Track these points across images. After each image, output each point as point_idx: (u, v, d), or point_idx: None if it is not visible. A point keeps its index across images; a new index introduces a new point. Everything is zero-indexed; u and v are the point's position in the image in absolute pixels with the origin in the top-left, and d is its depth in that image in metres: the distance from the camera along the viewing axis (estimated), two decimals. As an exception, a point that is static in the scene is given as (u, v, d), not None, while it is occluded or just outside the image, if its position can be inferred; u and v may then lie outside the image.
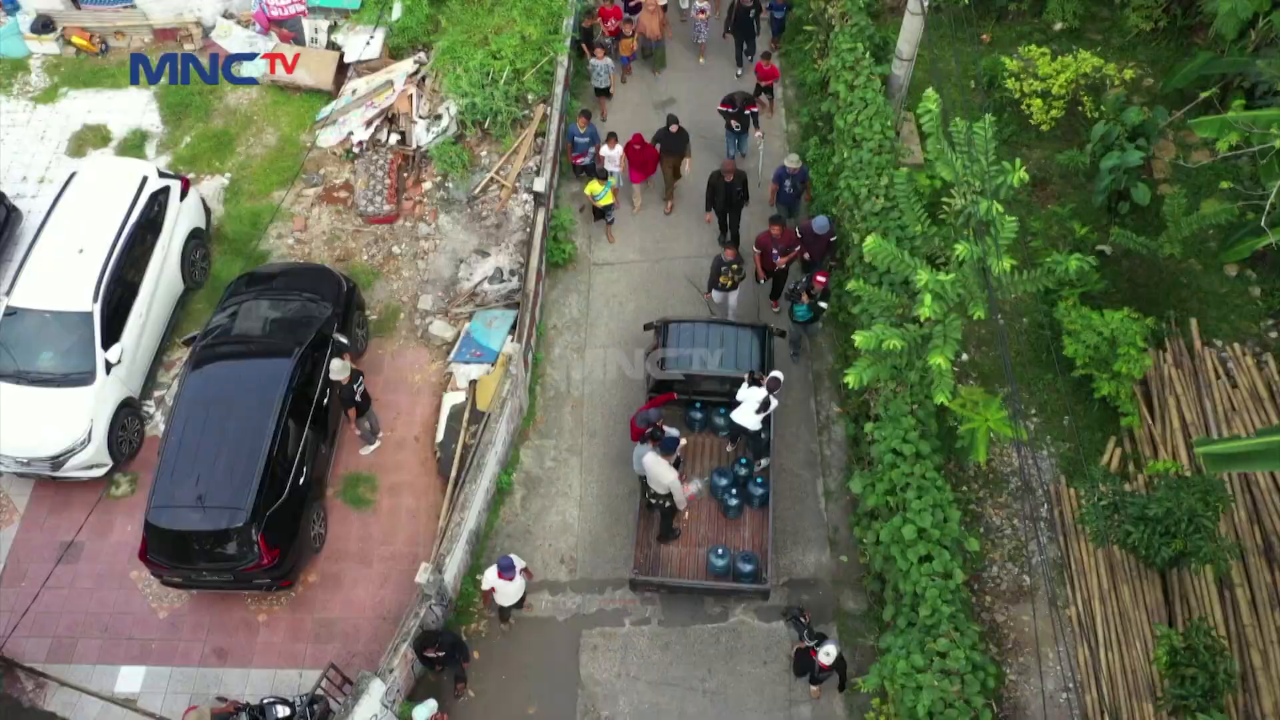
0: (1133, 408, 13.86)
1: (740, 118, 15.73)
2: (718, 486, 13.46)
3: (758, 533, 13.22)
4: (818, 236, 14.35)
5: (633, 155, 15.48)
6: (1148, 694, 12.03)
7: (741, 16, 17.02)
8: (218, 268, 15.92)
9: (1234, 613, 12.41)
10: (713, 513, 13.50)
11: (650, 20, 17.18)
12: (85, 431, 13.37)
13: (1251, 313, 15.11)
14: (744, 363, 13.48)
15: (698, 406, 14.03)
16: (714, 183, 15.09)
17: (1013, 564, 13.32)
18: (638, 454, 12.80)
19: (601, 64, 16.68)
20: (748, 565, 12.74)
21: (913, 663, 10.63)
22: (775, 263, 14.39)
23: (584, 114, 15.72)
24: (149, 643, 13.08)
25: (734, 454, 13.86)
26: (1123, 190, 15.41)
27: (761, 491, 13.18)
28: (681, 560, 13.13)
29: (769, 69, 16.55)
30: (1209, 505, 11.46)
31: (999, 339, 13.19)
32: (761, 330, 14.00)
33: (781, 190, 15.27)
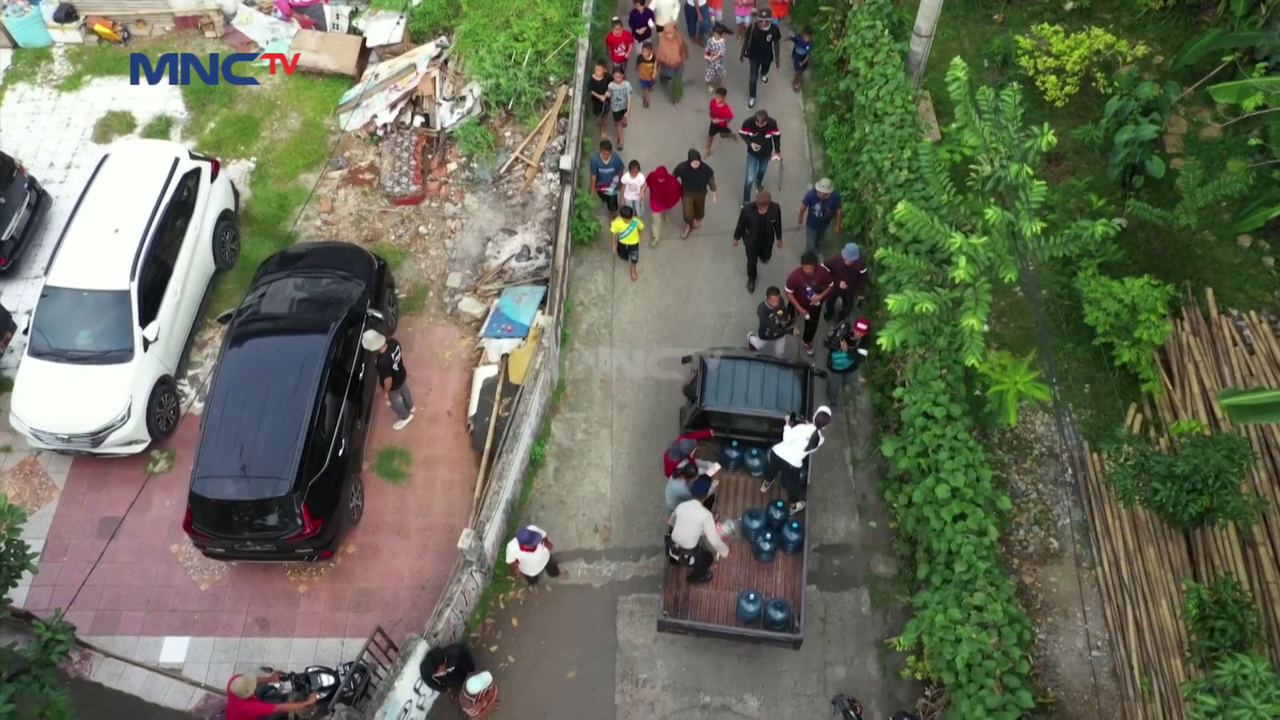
0: (1153, 374, 14.14)
1: (761, 141, 15.45)
2: (751, 529, 13.08)
3: (790, 578, 12.87)
4: (849, 266, 13.99)
5: (655, 187, 15.26)
6: (1175, 649, 12.30)
7: (759, 41, 16.72)
8: (247, 249, 16.11)
9: (1258, 570, 12.68)
10: (745, 555, 13.10)
11: (670, 47, 16.80)
12: (125, 407, 13.56)
13: (1265, 282, 15.40)
14: (785, 403, 13.13)
15: (734, 445, 13.66)
16: (747, 214, 14.78)
17: (1039, 527, 13.58)
18: (672, 491, 12.60)
19: (620, 88, 16.49)
20: (779, 613, 12.34)
21: (950, 616, 10.88)
22: (810, 300, 14.09)
23: (604, 145, 15.42)
24: (191, 614, 13.28)
25: (768, 494, 13.55)
26: (1137, 164, 15.67)
27: (796, 537, 12.83)
28: (712, 604, 12.79)
29: (722, 107, 16.25)
30: (1234, 462, 11.73)
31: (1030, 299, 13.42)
32: (803, 370, 13.62)
33: (811, 214, 15.02)
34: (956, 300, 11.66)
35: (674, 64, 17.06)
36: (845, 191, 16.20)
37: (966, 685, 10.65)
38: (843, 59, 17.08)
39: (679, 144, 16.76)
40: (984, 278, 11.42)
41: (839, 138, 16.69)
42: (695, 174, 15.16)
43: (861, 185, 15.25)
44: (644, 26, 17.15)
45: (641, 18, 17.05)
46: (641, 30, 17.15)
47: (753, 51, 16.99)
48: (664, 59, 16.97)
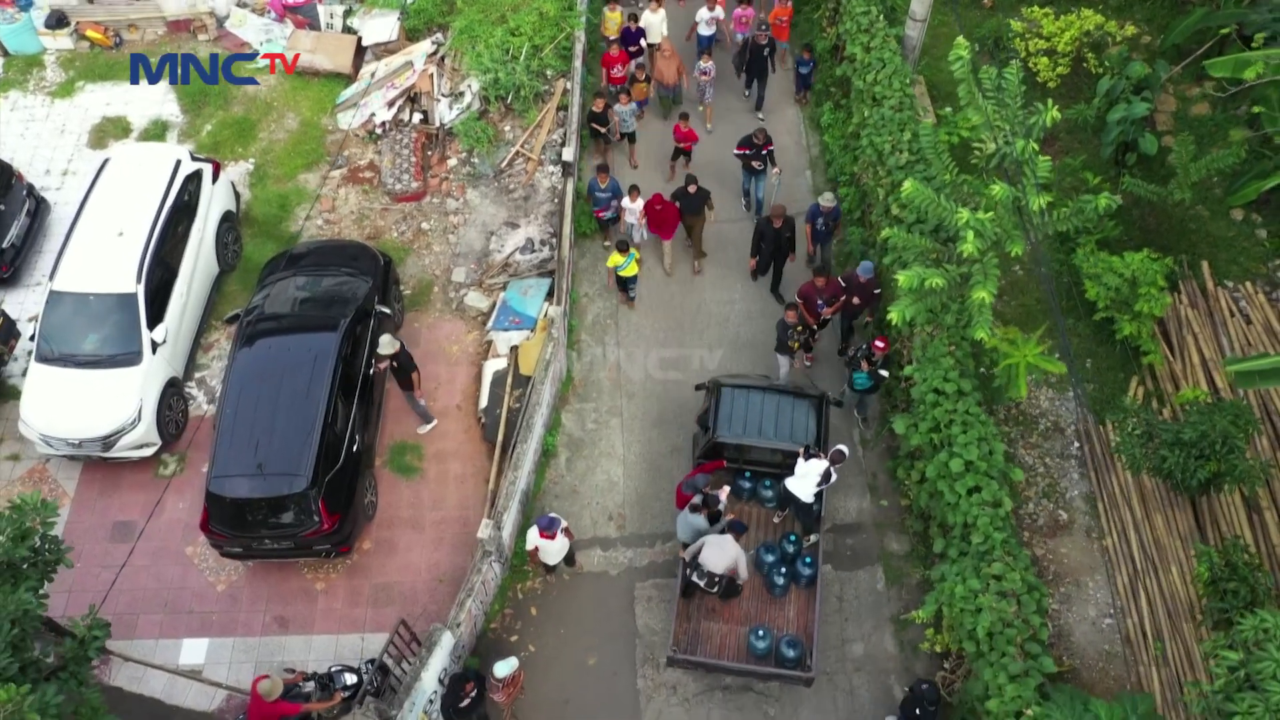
0: (1154, 346, 14.36)
1: (759, 158, 15.34)
2: (764, 563, 12.84)
3: (803, 613, 12.63)
4: (863, 284, 13.91)
5: (652, 215, 15.03)
6: (1187, 614, 12.51)
7: (756, 54, 16.61)
8: (249, 250, 16.11)
9: (1264, 534, 12.91)
10: (757, 589, 12.85)
11: (667, 66, 16.59)
12: (135, 411, 13.54)
13: (1259, 254, 15.66)
14: (799, 434, 12.90)
15: (746, 476, 13.42)
16: (762, 229, 14.70)
17: (1048, 500, 13.76)
18: (687, 524, 12.43)
19: (626, 109, 16.19)
20: (792, 651, 12.11)
21: (970, 586, 11.03)
22: (820, 313, 14.04)
23: (601, 169, 15.21)
24: (209, 615, 13.27)
25: (781, 526, 13.36)
26: (1130, 142, 15.88)
27: (810, 572, 12.60)
28: (722, 639, 12.56)
29: (687, 131, 15.97)
30: (1239, 427, 11.94)
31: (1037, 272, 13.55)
32: (819, 400, 13.37)
33: (815, 229, 14.95)
34: (965, 276, 11.81)
35: (671, 83, 16.84)
36: (844, 176, 16.38)
37: (988, 654, 10.79)
38: (836, 46, 17.24)
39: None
40: (992, 252, 11.58)
41: (835, 124, 16.84)
42: (693, 198, 14.91)
43: (861, 169, 15.40)
44: (636, 44, 16.87)
45: (634, 35, 16.80)
46: (634, 48, 16.87)
47: (750, 65, 16.86)
48: (660, 78, 16.77)
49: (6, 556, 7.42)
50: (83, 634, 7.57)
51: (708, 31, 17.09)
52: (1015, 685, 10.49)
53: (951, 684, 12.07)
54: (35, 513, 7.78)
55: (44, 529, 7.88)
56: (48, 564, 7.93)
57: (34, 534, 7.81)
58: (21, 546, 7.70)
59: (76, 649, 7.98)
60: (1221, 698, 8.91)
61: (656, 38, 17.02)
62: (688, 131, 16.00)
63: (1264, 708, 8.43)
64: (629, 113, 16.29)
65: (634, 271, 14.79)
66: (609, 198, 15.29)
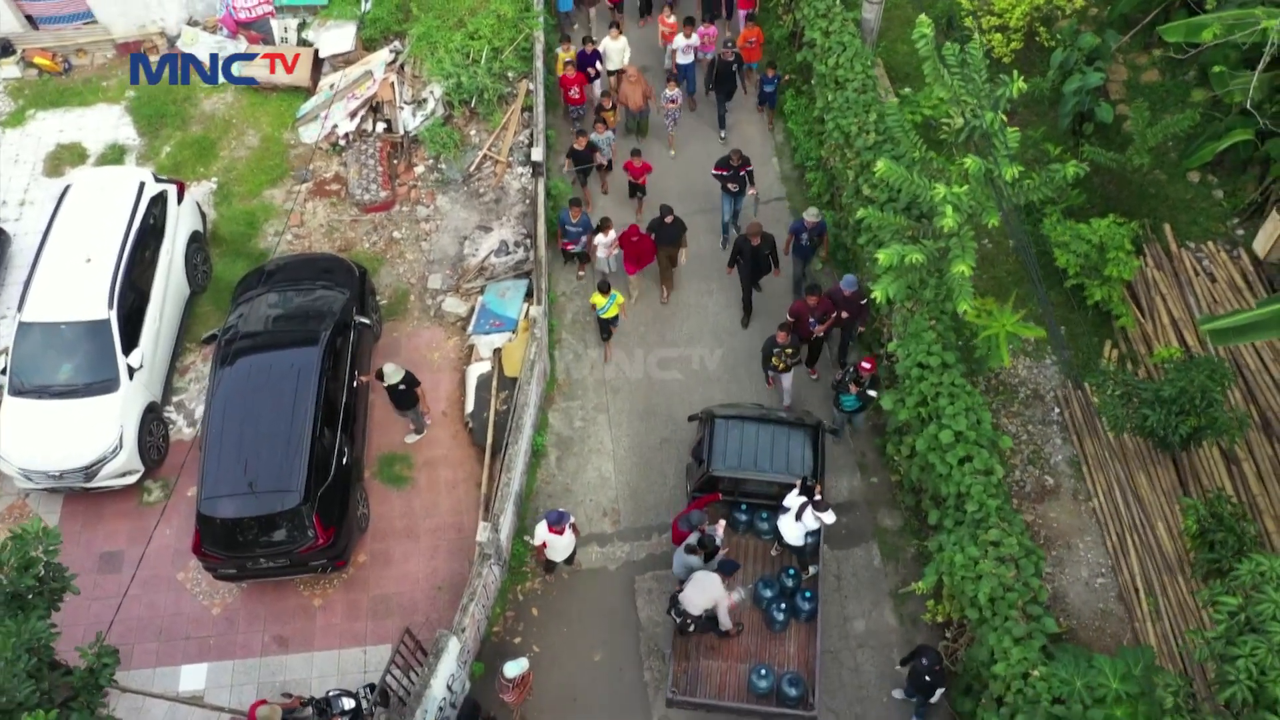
0: (1125, 309, 14.67)
1: (737, 179, 15.15)
2: (763, 598, 12.55)
3: (804, 648, 12.36)
4: (848, 298, 13.75)
5: (628, 247, 14.71)
6: (1177, 568, 12.79)
7: (724, 71, 16.48)
8: (219, 270, 15.91)
9: (1243, 485, 13.23)
10: (756, 624, 12.58)
11: (632, 91, 16.39)
12: (116, 438, 13.33)
13: (1217, 214, 16.04)
14: (795, 466, 12.64)
15: (743, 508, 13.15)
16: (740, 246, 14.58)
17: (1033, 466, 14.00)
18: (681, 562, 12.22)
19: (603, 137, 15.93)
20: (794, 689, 11.83)
21: (969, 554, 11.19)
22: (813, 331, 13.88)
23: (574, 203, 14.88)
24: (206, 640, 13.09)
25: (779, 558, 13.07)
26: (1086, 112, 16.20)
27: (810, 606, 12.35)
28: (722, 677, 12.25)
29: (640, 166, 15.72)
30: (1216, 381, 12.25)
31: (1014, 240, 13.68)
32: (814, 429, 13.09)
33: (798, 243, 14.74)
34: (942, 250, 11.99)
35: (637, 107, 16.66)
36: (811, 161, 16.54)
37: (991, 619, 10.96)
38: (794, 33, 17.40)
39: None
40: (968, 225, 11.77)
41: (799, 110, 17.00)
42: (669, 229, 14.63)
43: (829, 153, 15.56)
44: (592, 67, 16.67)
45: (590, 58, 16.59)
46: (592, 72, 16.70)
47: (718, 82, 16.69)
48: (626, 102, 16.58)
49: (13, 587, 7.28)
50: (92, 662, 7.44)
51: (685, 60, 16.97)
52: (1020, 648, 10.67)
53: (954, 652, 12.24)
54: (38, 541, 7.64)
55: (48, 556, 7.75)
56: (54, 592, 7.79)
57: (38, 563, 7.67)
58: (27, 576, 7.56)
59: (87, 678, 7.84)
60: (1223, 643, 9.12)
61: (617, 64, 16.77)
62: (640, 166, 15.69)
63: (1266, 648, 8.65)
64: (605, 141, 15.98)
65: (615, 313, 14.31)
66: (580, 232, 14.99)
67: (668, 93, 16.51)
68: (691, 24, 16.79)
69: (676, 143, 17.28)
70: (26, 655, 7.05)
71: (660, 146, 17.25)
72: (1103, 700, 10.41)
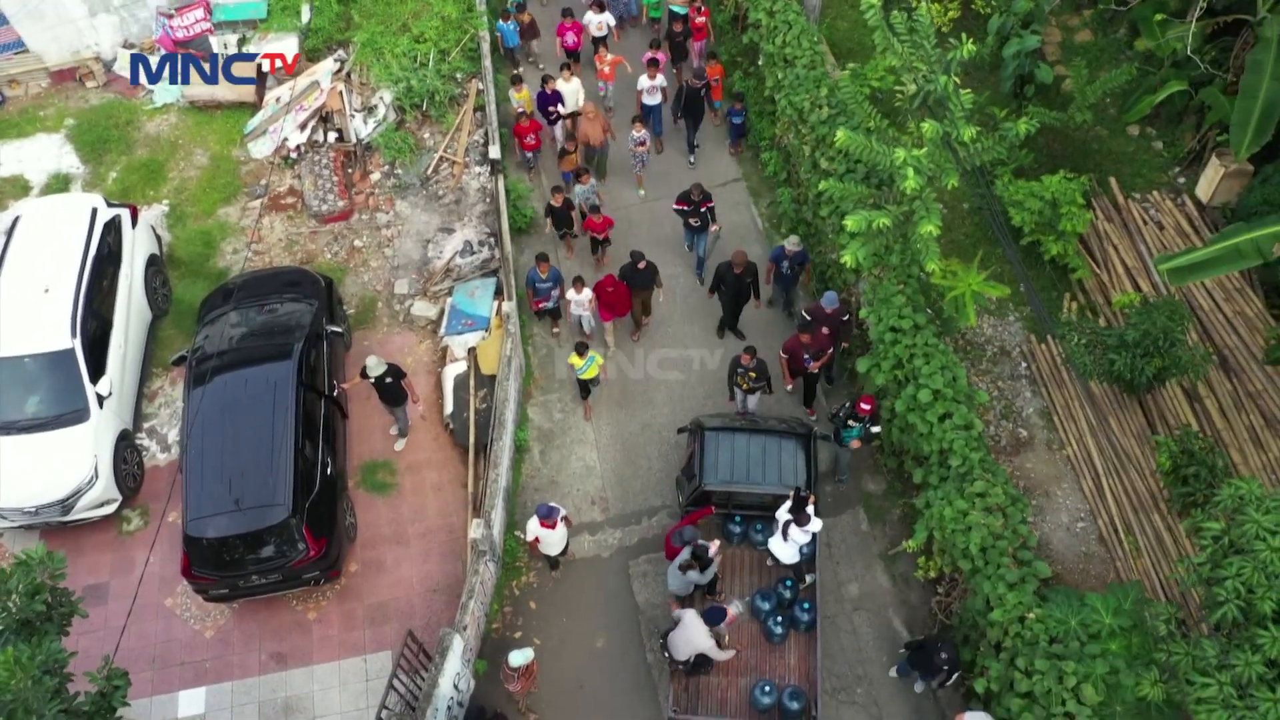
0: (1081, 261, 15.09)
1: (698, 215, 14.91)
2: (761, 611, 12.50)
3: (804, 659, 12.32)
4: (830, 315, 13.56)
5: (604, 296, 14.39)
6: (1152, 506, 13.20)
7: (692, 98, 16.27)
8: (179, 292, 15.68)
9: (1208, 421, 13.71)
10: (755, 637, 12.54)
11: (592, 128, 15.99)
12: (91, 468, 13.09)
13: (1159, 164, 16.58)
14: (788, 476, 12.58)
15: (737, 520, 13.10)
16: (722, 274, 14.34)
17: (1006, 421, 14.35)
18: (676, 578, 12.11)
19: (586, 188, 15.44)
20: (795, 703, 11.75)
21: (957, 508, 11.46)
22: (807, 367, 13.66)
23: (542, 259, 14.39)
24: (202, 664, 12.91)
25: (775, 569, 12.94)
26: (1026, 75, 16.64)
27: (808, 617, 12.32)
28: (724, 692, 12.14)
29: (601, 222, 15.21)
30: (1176, 321, 12.67)
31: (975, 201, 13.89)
32: (805, 437, 12.98)
33: (779, 271, 14.60)
34: (907, 214, 12.24)
35: (598, 143, 16.25)
36: (764, 141, 16.75)
37: (984, 568, 11.24)
38: (736, 16, 17.60)
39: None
40: (929, 188, 12.03)
41: (748, 91, 17.20)
42: (643, 274, 14.37)
43: (782, 131, 15.78)
44: (553, 109, 16.31)
45: (551, 99, 16.18)
46: (551, 111, 16.34)
47: (687, 108, 16.50)
48: (587, 139, 16.17)
49: (22, 614, 7.15)
50: (103, 686, 7.34)
51: (651, 100, 16.55)
52: (1015, 593, 10.96)
53: (948, 606, 12.50)
54: (44, 566, 7.52)
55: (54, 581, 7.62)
56: (63, 617, 7.67)
57: (45, 589, 7.55)
58: (35, 601, 7.44)
59: (99, 701, 7.72)
60: (1210, 567, 9.47)
61: (573, 105, 16.36)
62: (601, 222, 15.23)
63: (1252, 567, 9.00)
64: (590, 190, 15.49)
65: (594, 374, 13.95)
66: (550, 287, 14.57)
67: (635, 134, 15.99)
68: (655, 65, 16.25)
69: (645, 182, 16.83)
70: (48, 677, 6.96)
71: (622, 187, 16.77)
72: (1097, 636, 10.75)
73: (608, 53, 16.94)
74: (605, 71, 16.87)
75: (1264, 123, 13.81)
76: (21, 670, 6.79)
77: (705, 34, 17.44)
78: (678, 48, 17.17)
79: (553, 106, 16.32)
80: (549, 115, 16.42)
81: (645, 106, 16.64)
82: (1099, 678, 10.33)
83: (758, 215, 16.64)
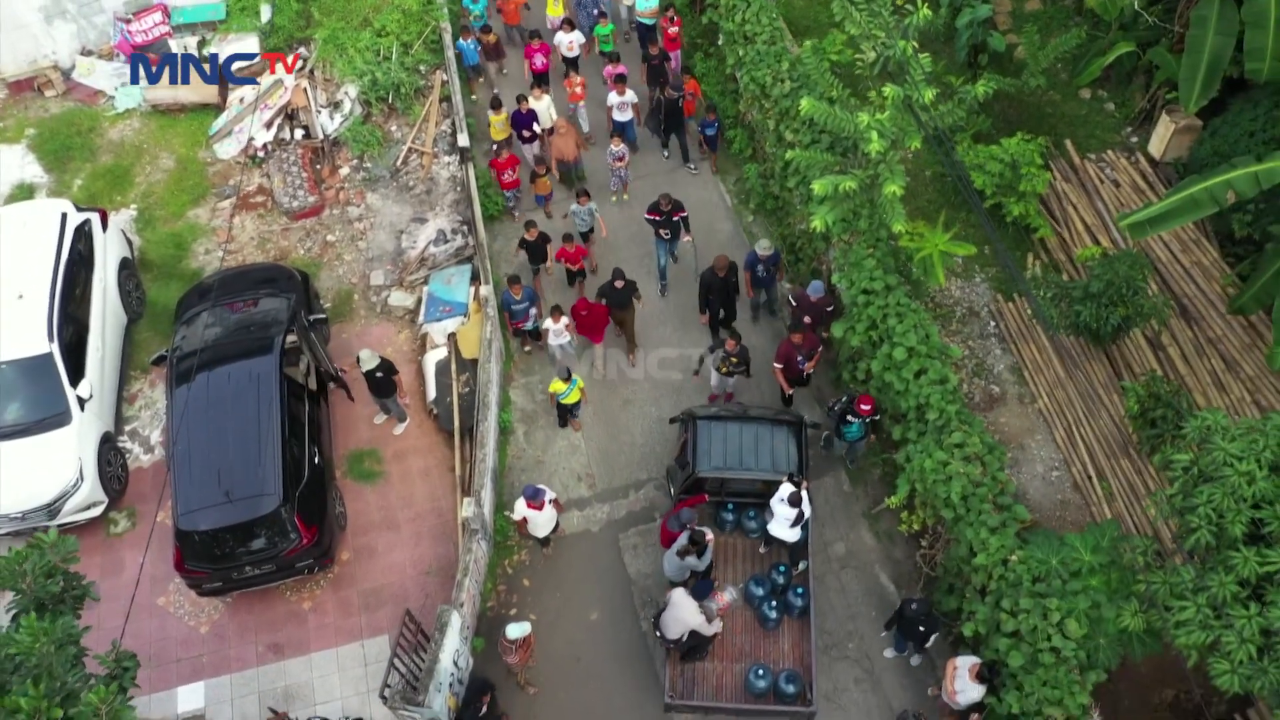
0: (1042, 220, 15.51)
1: (669, 225, 14.82)
2: (755, 597, 12.59)
3: (798, 644, 12.43)
4: (814, 304, 13.70)
5: (581, 321, 14.30)
6: (1123, 451, 13.62)
7: (671, 107, 16.08)
8: (153, 295, 15.66)
9: (1170, 368, 14.16)
10: (750, 623, 12.63)
11: (564, 143, 15.92)
12: (76, 471, 13.09)
13: (1111, 125, 17.06)
14: (780, 462, 12.67)
15: (729, 507, 13.17)
16: (708, 280, 14.33)
17: (979, 378, 14.71)
18: (673, 563, 12.16)
19: (584, 209, 15.16)
20: (791, 686, 11.88)
21: (937, 459, 11.77)
22: (803, 369, 13.70)
23: (513, 280, 14.27)
24: (199, 659, 12.95)
25: (768, 556, 13.12)
26: (979, 44, 17.05)
27: (801, 602, 12.39)
28: (719, 678, 12.26)
29: (575, 251, 14.80)
30: (1137, 270, 13.09)
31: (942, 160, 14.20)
32: (796, 425, 13.12)
33: (755, 276, 14.58)
34: (872, 177, 12.54)
35: (571, 158, 16.20)
36: (728, 119, 17.01)
37: (966, 515, 11.56)
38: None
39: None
40: (893, 151, 12.34)
41: (710, 71, 17.45)
42: (620, 293, 14.19)
43: (746, 107, 16.05)
44: (529, 129, 16.03)
45: (526, 119, 15.91)
46: (527, 133, 16.08)
47: (667, 120, 16.32)
48: (561, 155, 16.12)
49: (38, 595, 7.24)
50: (112, 668, 7.43)
51: (621, 116, 16.37)
52: (997, 537, 11.29)
53: (932, 558, 12.82)
54: (56, 550, 7.60)
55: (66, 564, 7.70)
56: (76, 599, 7.75)
57: (58, 571, 7.62)
58: (50, 583, 7.51)
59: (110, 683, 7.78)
60: (1181, 497, 9.84)
61: (547, 122, 16.24)
62: (575, 251, 14.86)
63: (1222, 492, 9.36)
64: (586, 213, 15.22)
65: (576, 398, 13.90)
66: (526, 307, 14.44)
67: (613, 149, 15.86)
68: (622, 80, 16.12)
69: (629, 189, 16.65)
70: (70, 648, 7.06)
71: (604, 205, 16.35)
72: (1078, 573, 11.11)
73: (577, 74, 16.72)
74: (577, 93, 16.68)
75: (1210, 76, 14.26)
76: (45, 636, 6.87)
77: (679, 44, 17.28)
78: (655, 70, 16.61)
79: (528, 131, 16.06)
80: (524, 135, 16.12)
81: (616, 123, 16.41)
82: (1082, 612, 10.69)
83: (725, 193, 16.90)
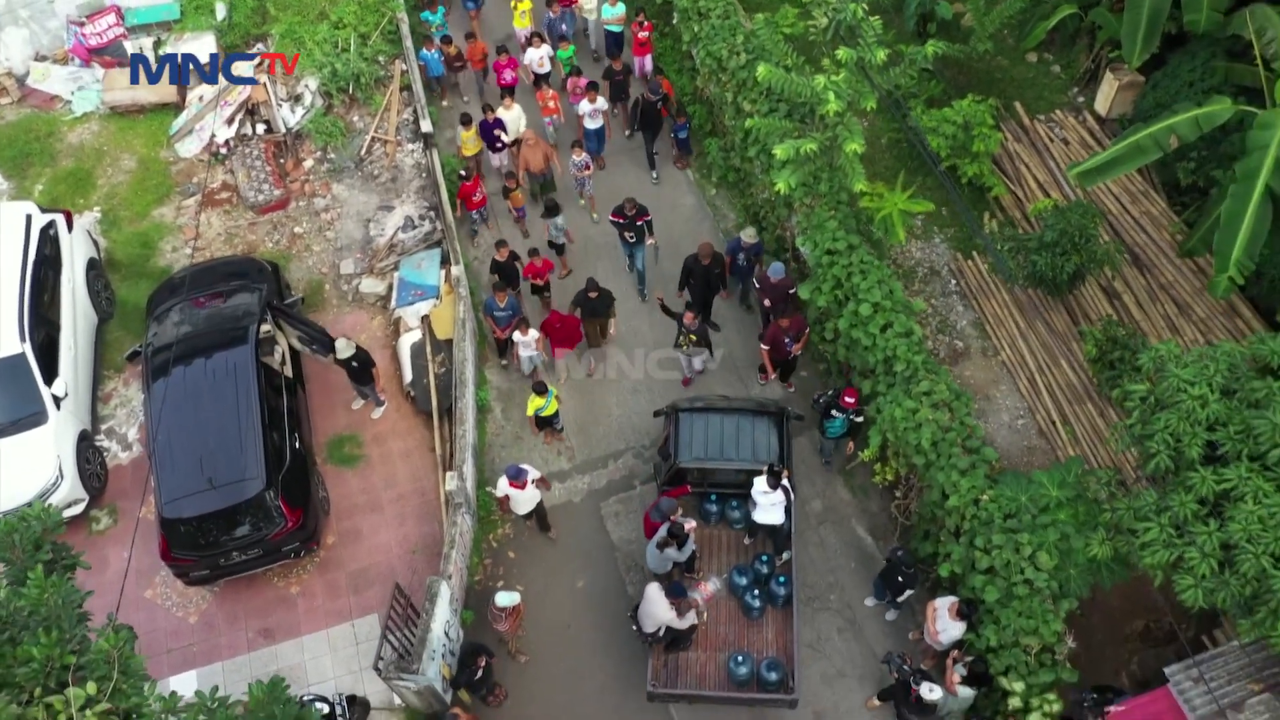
0: (996, 180, 15.95)
1: (633, 228, 14.78)
2: (738, 586, 12.64)
3: (781, 633, 12.45)
4: (775, 285, 13.86)
5: (553, 334, 14.21)
6: (1084, 397, 14.06)
7: (648, 110, 16.01)
8: (122, 294, 15.67)
9: (1126, 314, 14.64)
10: (733, 613, 12.68)
11: (533, 154, 15.74)
12: (55, 469, 13.09)
13: (1058, 86, 17.56)
14: (761, 452, 12.77)
15: (712, 499, 13.21)
16: (690, 266, 14.30)
17: (943, 334, 15.10)
18: (654, 556, 12.19)
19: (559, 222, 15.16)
20: (774, 674, 11.95)
21: (906, 407, 12.12)
22: (790, 351, 13.83)
23: (498, 286, 14.14)
24: (190, 649, 13.01)
25: (753, 546, 13.16)
26: (927, 13, 17.50)
27: (785, 591, 12.42)
28: (702, 667, 12.30)
29: (541, 265, 14.70)
30: (1088, 219, 13.54)
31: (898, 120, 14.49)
32: (779, 416, 13.18)
33: (735, 263, 14.67)
34: (831, 139, 12.87)
35: (540, 170, 16.04)
36: (686, 96, 17.29)
37: (937, 460, 11.92)
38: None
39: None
40: (850, 111, 12.68)
41: (667, 51, 17.73)
42: (596, 303, 14.12)
43: (704, 83, 16.34)
44: (497, 138, 15.92)
45: (491, 127, 15.78)
46: (497, 144, 16.01)
47: (643, 121, 16.29)
48: (529, 166, 15.94)
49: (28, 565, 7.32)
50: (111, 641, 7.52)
51: (593, 124, 16.23)
52: (967, 478, 11.66)
53: (906, 507, 13.18)
54: (40, 521, 7.69)
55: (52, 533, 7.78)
56: (67, 568, 7.84)
57: (46, 542, 7.71)
58: (40, 553, 7.60)
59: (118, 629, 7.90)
60: (1140, 426, 10.25)
61: (514, 133, 16.06)
62: (541, 265, 14.72)
63: (1178, 416, 9.78)
64: (559, 226, 15.19)
65: (555, 409, 13.91)
66: (510, 316, 14.25)
67: (575, 159, 15.72)
68: (595, 89, 15.97)
69: (598, 204, 16.46)
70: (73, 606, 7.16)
71: (573, 213, 16.29)
72: (1047, 508, 11.51)
73: (549, 88, 16.63)
74: (550, 107, 16.60)
75: (1150, 31, 14.75)
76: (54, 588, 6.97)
77: (649, 49, 17.28)
78: (618, 86, 16.71)
79: (498, 142, 16.02)
80: (493, 144, 16.06)
81: (587, 131, 16.32)
82: (1052, 544, 11.08)
83: (689, 168, 17.18)
